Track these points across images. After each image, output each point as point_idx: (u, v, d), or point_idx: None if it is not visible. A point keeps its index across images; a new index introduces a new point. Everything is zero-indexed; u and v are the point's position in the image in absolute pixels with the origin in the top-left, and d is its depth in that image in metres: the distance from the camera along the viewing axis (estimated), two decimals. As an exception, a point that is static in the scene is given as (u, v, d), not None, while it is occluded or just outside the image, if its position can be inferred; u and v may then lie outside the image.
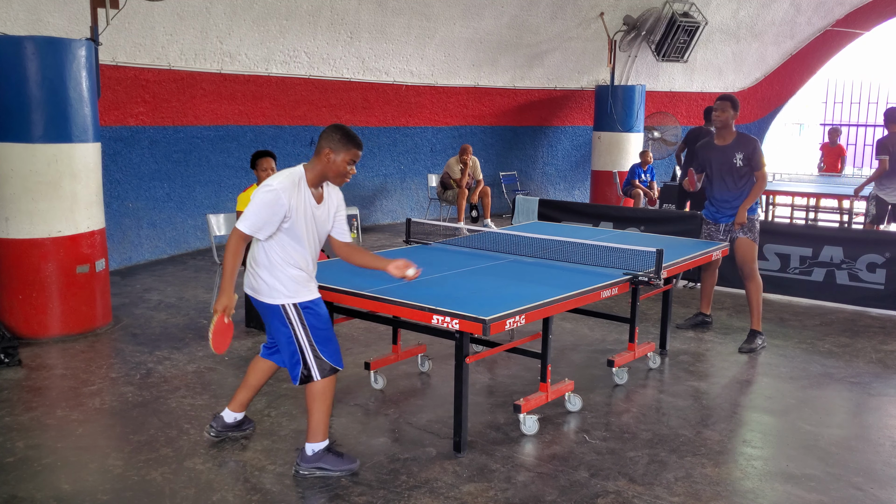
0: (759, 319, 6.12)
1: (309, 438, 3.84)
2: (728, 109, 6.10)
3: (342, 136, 3.75)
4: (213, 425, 4.20)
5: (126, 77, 8.65)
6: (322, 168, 3.76)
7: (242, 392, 4.20)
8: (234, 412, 4.21)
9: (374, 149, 11.92)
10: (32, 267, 5.94)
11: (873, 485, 3.86)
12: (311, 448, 3.83)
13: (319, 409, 3.80)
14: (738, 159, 6.02)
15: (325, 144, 3.74)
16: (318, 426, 3.82)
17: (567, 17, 12.45)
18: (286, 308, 3.75)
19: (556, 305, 4.12)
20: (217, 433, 4.19)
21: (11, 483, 3.76)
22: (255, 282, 3.80)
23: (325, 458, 3.83)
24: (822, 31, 15.03)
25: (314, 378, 3.77)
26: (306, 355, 3.75)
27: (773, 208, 12.38)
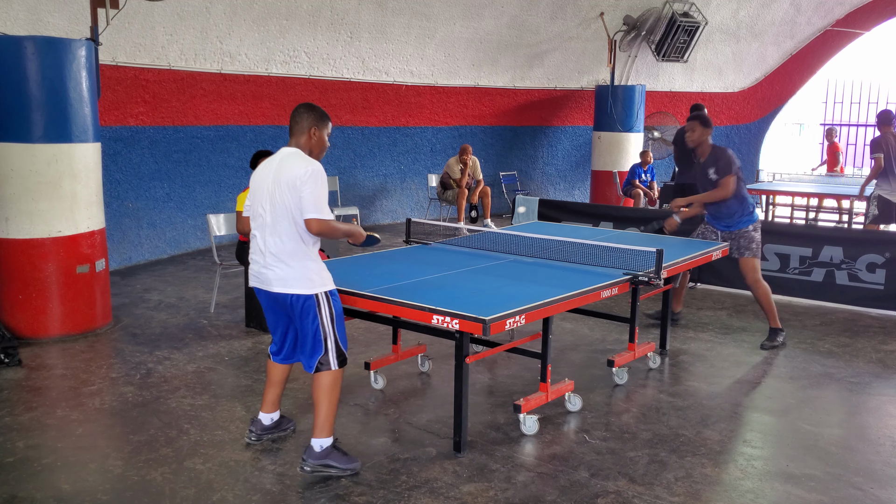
0: (775, 317, 6.15)
1: (316, 434, 3.81)
2: (697, 128, 6.04)
3: (320, 112, 3.86)
4: (253, 430, 4.18)
5: (126, 77, 8.65)
6: (311, 146, 3.83)
7: (270, 391, 4.19)
8: (268, 413, 4.21)
9: (374, 149, 11.92)
10: (32, 267, 5.94)
11: (873, 485, 3.86)
12: (318, 444, 3.80)
13: (329, 402, 3.78)
14: (711, 173, 6.01)
15: (309, 123, 3.81)
16: (326, 421, 3.80)
17: (567, 17, 12.45)
18: (319, 297, 3.75)
19: (556, 305, 4.12)
20: (258, 437, 4.18)
21: (11, 483, 3.76)
22: (286, 273, 3.72)
23: (332, 455, 3.80)
24: (822, 31, 15.03)
25: (331, 367, 3.77)
26: (328, 344, 3.76)
27: (773, 208, 12.38)
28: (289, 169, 3.68)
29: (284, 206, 3.67)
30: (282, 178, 3.68)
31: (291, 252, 3.71)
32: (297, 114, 3.84)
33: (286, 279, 3.73)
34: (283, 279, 3.74)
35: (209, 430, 4.37)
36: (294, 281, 3.72)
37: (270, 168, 3.80)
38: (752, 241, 6.06)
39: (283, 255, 3.72)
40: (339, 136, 11.39)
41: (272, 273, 3.76)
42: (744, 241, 6.07)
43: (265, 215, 3.76)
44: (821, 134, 16.84)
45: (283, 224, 3.70)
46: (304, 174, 3.63)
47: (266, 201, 3.75)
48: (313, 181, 3.64)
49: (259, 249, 3.82)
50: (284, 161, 3.75)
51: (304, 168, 3.65)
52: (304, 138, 3.82)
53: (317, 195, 3.64)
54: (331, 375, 3.78)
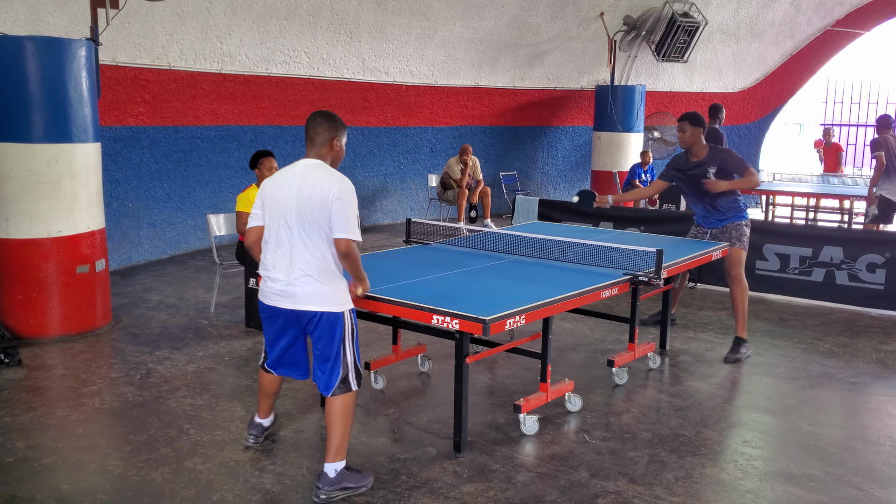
0: (744, 326, 5.89)
1: (330, 458, 3.63)
2: (687, 129, 5.87)
3: (340, 121, 3.73)
4: (253, 433, 4.16)
5: (126, 77, 8.65)
6: (332, 158, 3.71)
7: (265, 400, 4.16)
8: (266, 418, 4.22)
9: (374, 149, 11.92)
10: (32, 267, 5.94)
11: (873, 485, 3.86)
12: (333, 468, 3.63)
13: (344, 426, 3.65)
14: (711, 173, 5.84)
15: (331, 134, 3.66)
16: (341, 444, 3.65)
17: (567, 17, 12.45)
18: (345, 316, 3.64)
19: (556, 305, 4.12)
20: (255, 439, 4.16)
21: (11, 483, 3.76)
22: (316, 289, 3.57)
23: (346, 478, 3.66)
24: (822, 31, 15.04)
25: (352, 387, 3.66)
26: (349, 364, 3.66)
27: (773, 208, 12.37)
28: (318, 183, 3.52)
29: (315, 221, 3.52)
30: (312, 193, 3.51)
31: (322, 269, 3.58)
32: (317, 123, 3.66)
33: (318, 295, 3.58)
34: (314, 295, 3.58)
35: (209, 430, 4.37)
36: (326, 298, 3.59)
37: (294, 180, 3.59)
38: (742, 234, 5.95)
39: (314, 272, 3.57)
40: (339, 136, 11.38)
41: (300, 289, 3.58)
42: (735, 233, 5.95)
43: (293, 230, 3.56)
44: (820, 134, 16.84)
45: (315, 240, 3.55)
46: (337, 191, 3.49)
47: (293, 216, 3.55)
48: (346, 199, 3.50)
49: (283, 265, 3.61)
50: (311, 174, 3.57)
51: (338, 185, 3.51)
52: (325, 149, 3.67)
53: (349, 213, 3.51)
54: (349, 398, 3.65)
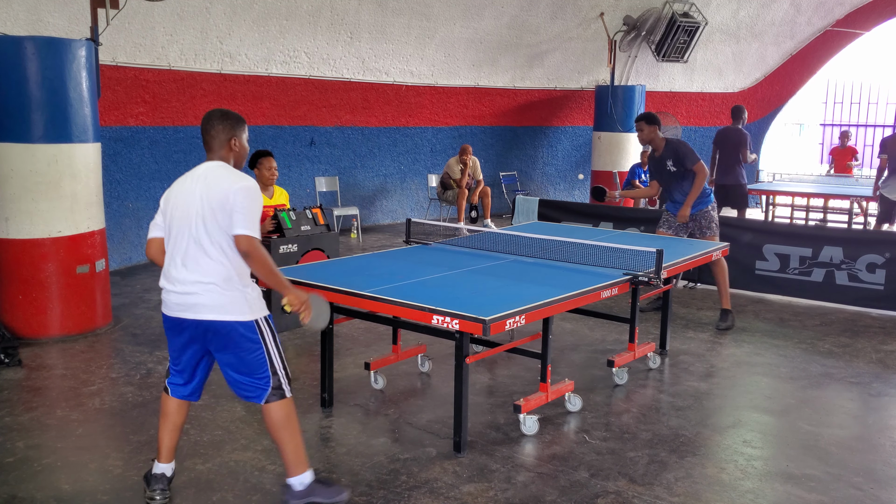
0: (728, 299, 6.60)
1: (291, 472, 3.46)
2: (644, 128, 6.68)
3: (235, 117, 3.51)
4: (157, 488, 3.58)
5: (126, 77, 8.65)
6: (234, 158, 3.51)
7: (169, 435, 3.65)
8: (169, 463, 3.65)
9: (374, 149, 11.92)
10: (32, 267, 5.94)
11: (873, 485, 3.86)
12: (298, 482, 3.47)
13: (292, 436, 3.45)
14: (669, 164, 6.63)
15: (227, 134, 3.47)
16: (296, 456, 3.46)
17: (567, 17, 12.45)
18: (260, 323, 3.41)
19: (556, 305, 4.12)
20: (162, 495, 3.57)
21: (11, 483, 3.76)
22: (220, 299, 3.33)
23: (315, 491, 3.49)
24: (822, 32, 15.03)
25: (286, 393, 3.44)
26: (278, 370, 3.44)
27: (773, 208, 12.37)
28: (220, 185, 3.32)
29: (217, 226, 3.30)
30: (213, 196, 3.30)
31: (228, 277, 3.32)
32: (212, 126, 3.47)
33: (222, 305, 3.33)
34: (218, 305, 3.33)
35: (209, 430, 4.37)
36: (232, 307, 3.34)
37: (195, 186, 3.39)
38: (711, 220, 6.63)
39: (219, 280, 3.32)
40: (339, 136, 11.39)
41: (202, 298, 3.33)
42: (704, 222, 6.61)
43: (196, 238, 3.34)
44: (821, 135, 16.85)
45: (217, 246, 3.32)
46: (238, 189, 3.29)
47: (196, 222, 3.33)
48: (247, 197, 3.30)
49: (181, 276, 3.39)
50: (212, 177, 3.38)
51: (239, 184, 3.31)
52: (224, 151, 3.48)
53: (249, 211, 3.28)
54: (285, 406, 3.43)
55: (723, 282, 6.55)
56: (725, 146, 9.67)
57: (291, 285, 3.42)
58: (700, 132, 14.84)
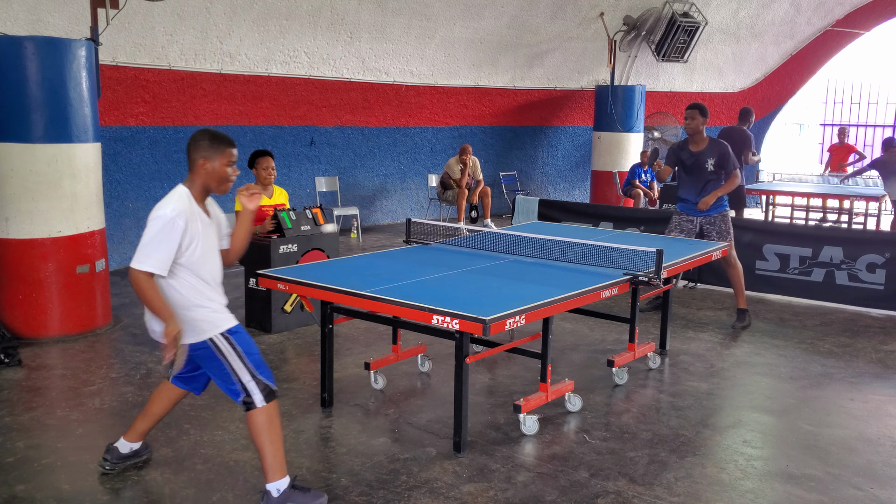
0: (744, 298, 6.67)
1: (269, 478, 3.47)
2: (697, 117, 6.43)
3: (210, 140, 3.46)
4: (108, 458, 3.83)
5: (126, 77, 8.65)
6: (203, 180, 3.47)
7: (142, 421, 3.85)
8: (130, 442, 3.86)
9: (374, 149, 11.92)
10: (32, 267, 5.94)
11: (873, 485, 3.86)
12: (274, 488, 3.46)
13: (270, 442, 3.45)
14: (710, 164, 6.43)
15: (197, 155, 3.45)
16: (274, 461, 3.46)
17: (567, 17, 12.45)
18: (215, 341, 3.43)
19: (556, 305, 4.12)
20: (112, 465, 3.82)
21: (11, 483, 3.76)
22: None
23: (292, 497, 3.48)
24: (822, 31, 15.03)
25: (256, 404, 3.44)
26: (244, 381, 3.44)
27: (773, 208, 12.37)
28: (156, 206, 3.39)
29: None
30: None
31: (171, 301, 3.37)
32: (189, 143, 3.49)
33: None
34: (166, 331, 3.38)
35: (209, 430, 4.37)
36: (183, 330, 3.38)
37: None
38: (729, 225, 6.58)
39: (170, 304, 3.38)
40: (339, 136, 11.40)
41: (157, 326, 3.42)
42: (724, 226, 6.54)
43: None
44: (821, 134, 16.83)
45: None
46: (154, 215, 3.32)
47: None
48: (154, 225, 3.29)
49: None
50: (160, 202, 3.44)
51: (161, 210, 3.32)
52: (192, 172, 3.48)
53: (151, 243, 3.27)
54: (263, 413, 3.44)
55: (738, 281, 6.62)
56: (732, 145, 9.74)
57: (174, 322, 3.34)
58: (700, 132, 14.83)
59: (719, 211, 6.54)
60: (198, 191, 3.49)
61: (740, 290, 6.64)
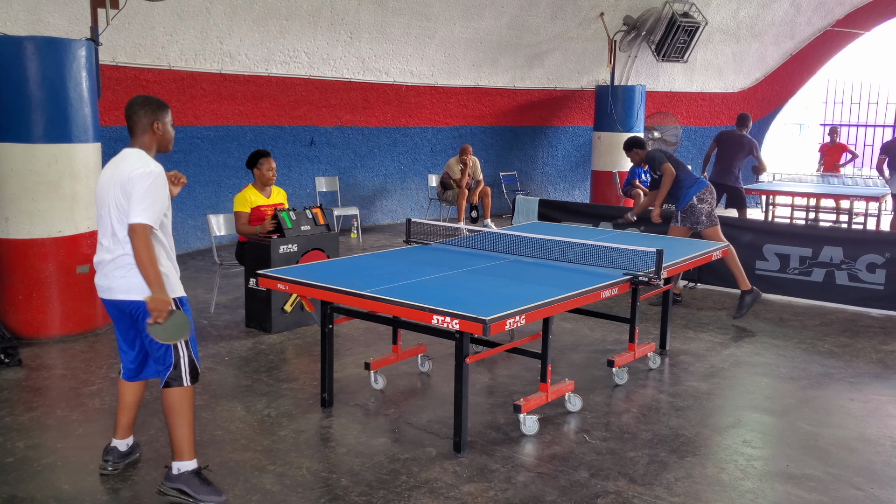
0: (744, 278, 6.87)
1: (175, 456, 3.57)
2: (638, 153, 7.45)
3: (156, 102, 3.59)
4: (109, 459, 3.85)
5: (126, 77, 8.65)
6: (157, 142, 3.59)
7: (123, 415, 3.88)
8: (123, 439, 3.91)
9: (374, 149, 11.92)
10: (32, 267, 5.94)
11: (873, 485, 3.86)
12: (176, 466, 3.56)
13: (182, 423, 3.53)
14: (649, 173, 7.34)
15: (149, 119, 3.54)
16: (182, 442, 3.54)
17: (567, 17, 12.45)
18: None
19: (556, 305, 4.12)
20: (114, 465, 3.86)
21: (11, 483, 3.76)
22: (128, 281, 3.48)
23: (189, 482, 3.54)
24: (822, 32, 15.03)
25: (183, 383, 3.53)
26: (181, 357, 3.53)
27: (773, 208, 12.37)
28: (124, 169, 3.46)
29: (119, 209, 3.45)
30: (117, 180, 3.46)
31: (129, 257, 3.45)
32: (133, 111, 3.55)
33: (129, 287, 3.48)
34: (125, 287, 3.49)
35: (209, 430, 4.37)
36: (137, 289, 3.46)
37: (108, 170, 3.56)
38: (700, 213, 6.95)
39: (122, 262, 3.48)
40: (339, 136, 11.40)
41: (114, 282, 3.52)
42: (694, 217, 6.98)
43: (109, 221, 3.51)
44: (821, 135, 16.81)
45: (118, 228, 3.47)
46: (137, 174, 3.39)
47: (109, 206, 3.50)
48: (144, 182, 3.39)
49: (102, 257, 3.57)
50: (122, 161, 3.53)
51: (140, 168, 3.41)
52: (147, 136, 3.57)
53: (145, 198, 3.37)
54: (181, 392, 3.54)
55: (734, 263, 6.84)
56: (726, 147, 9.84)
57: (163, 288, 3.41)
58: (700, 132, 14.84)
59: (685, 203, 7.03)
60: (152, 153, 3.59)
61: (738, 271, 6.85)
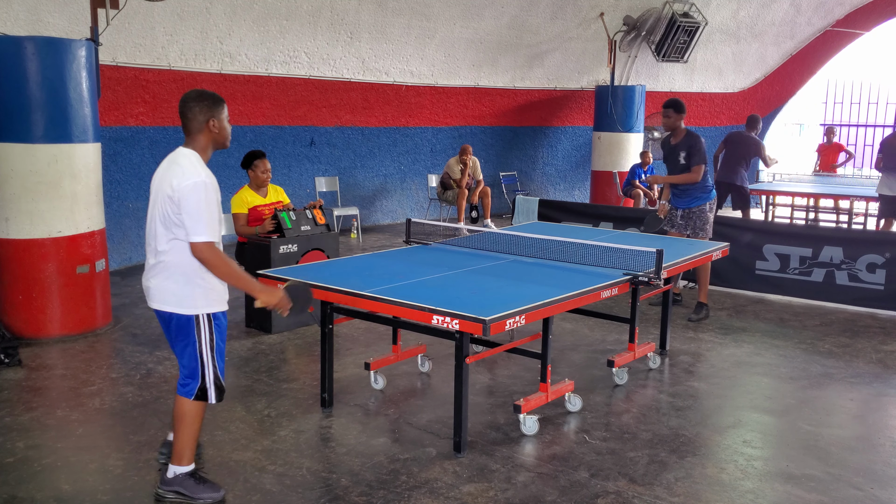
0: (706, 294, 6.86)
1: (173, 461, 3.58)
2: (671, 115, 6.75)
3: (210, 97, 3.43)
4: (164, 451, 3.90)
5: (126, 77, 8.65)
6: (213, 140, 3.46)
7: None
8: None
9: (374, 149, 11.92)
10: (32, 267, 5.94)
11: (873, 485, 3.86)
12: (172, 470, 3.57)
13: (188, 433, 3.54)
14: (682, 157, 6.71)
15: (205, 116, 3.40)
16: (184, 449, 3.56)
17: (567, 18, 12.45)
18: (199, 321, 3.43)
19: (556, 305, 4.12)
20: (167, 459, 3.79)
21: (11, 483, 3.75)
22: (168, 288, 3.40)
23: (184, 483, 3.55)
24: (822, 32, 15.03)
25: (209, 399, 3.51)
26: (206, 373, 3.48)
27: (773, 208, 12.37)
28: (172, 177, 3.33)
29: (163, 214, 3.34)
30: (163, 185, 3.35)
31: (174, 265, 3.37)
32: (187, 108, 3.41)
33: (168, 294, 3.41)
34: (163, 293, 3.42)
35: (209, 430, 4.36)
36: (175, 298, 3.39)
37: (162, 170, 3.46)
38: (706, 221, 6.78)
39: (165, 269, 3.40)
40: (339, 136, 11.40)
41: (153, 285, 3.45)
42: (699, 222, 6.75)
43: (153, 224, 3.41)
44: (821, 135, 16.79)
45: (162, 235, 3.37)
46: (186, 186, 3.26)
47: (154, 209, 3.42)
48: (195, 197, 3.26)
49: (147, 259, 3.50)
50: (173, 165, 3.40)
51: (189, 179, 3.28)
52: (202, 135, 3.43)
53: (198, 213, 3.25)
54: (193, 407, 3.51)
55: (705, 277, 6.81)
56: (734, 148, 9.87)
57: (258, 289, 3.46)
58: (700, 132, 14.79)
59: (696, 205, 6.75)
60: (206, 153, 3.47)
61: (705, 285, 6.82)
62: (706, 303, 6.84)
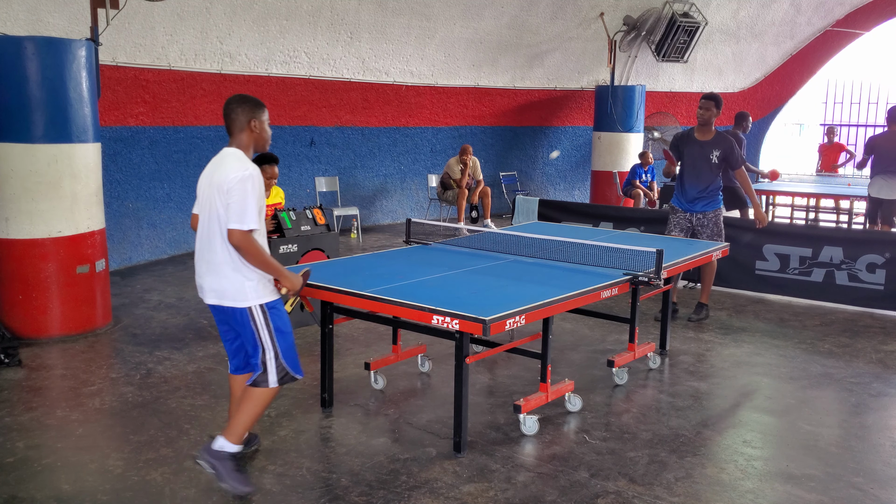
0: (708, 295, 6.82)
1: (225, 434, 3.63)
2: (712, 108, 6.42)
3: (252, 101, 3.63)
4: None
5: (126, 77, 8.65)
6: (255, 141, 3.64)
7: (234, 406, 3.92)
8: None
9: (374, 149, 11.92)
10: (32, 267, 5.94)
11: (873, 485, 3.86)
12: (220, 443, 3.61)
13: (250, 414, 3.62)
14: (715, 156, 6.43)
15: (247, 117, 3.58)
16: (239, 427, 3.62)
17: (567, 18, 12.45)
18: (253, 311, 3.56)
19: (556, 305, 4.12)
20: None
21: (11, 483, 3.76)
22: (218, 284, 3.55)
23: (224, 463, 3.58)
24: (822, 32, 15.04)
25: (269, 384, 3.62)
26: (268, 360, 3.60)
27: (773, 208, 12.37)
28: (222, 172, 3.48)
29: (216, 212, 3.48)
30: (214, 182, 3.49)
31: (225, 262, 3.51)
32: (231, 110, 3.59)
33: (222, 290, 3.55)
34: (217, 289, 3.56)
35: (209, 430, 4.37)
36: (229, 292, 3.54)
37: (209, 171, 3.61)
38: (721, 226, 6.60)
39: (218, 266, 3.53)
40: (339, 136, 11.40)
41: (207, 283, 3.59)
42: (716, 228, 6.55)
43: (205, 222, 3.57)
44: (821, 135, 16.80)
45: (216, 232, 3.51)
46: (234, 178, 3.42)
47: (205, 208, 3.56)
48: (241, 187, 3.41)
49: (199, 258, 3.64)
50: (221, 163, 3.56)
51: (237, 172, 3.44)
52: (244, 134, 3.60)
53: (243, 203, 3.40)
54: (270, 393, 3.64)
55: (709, 279, 6.76)
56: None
57: (287, 274, 3.64)
58: (700, 132, 14.83)
59: (713, 208, 6.57)
60: (249, 152, 3.63)
61: (708, 287, 6.78)
62: (706, 303, 6.83)
